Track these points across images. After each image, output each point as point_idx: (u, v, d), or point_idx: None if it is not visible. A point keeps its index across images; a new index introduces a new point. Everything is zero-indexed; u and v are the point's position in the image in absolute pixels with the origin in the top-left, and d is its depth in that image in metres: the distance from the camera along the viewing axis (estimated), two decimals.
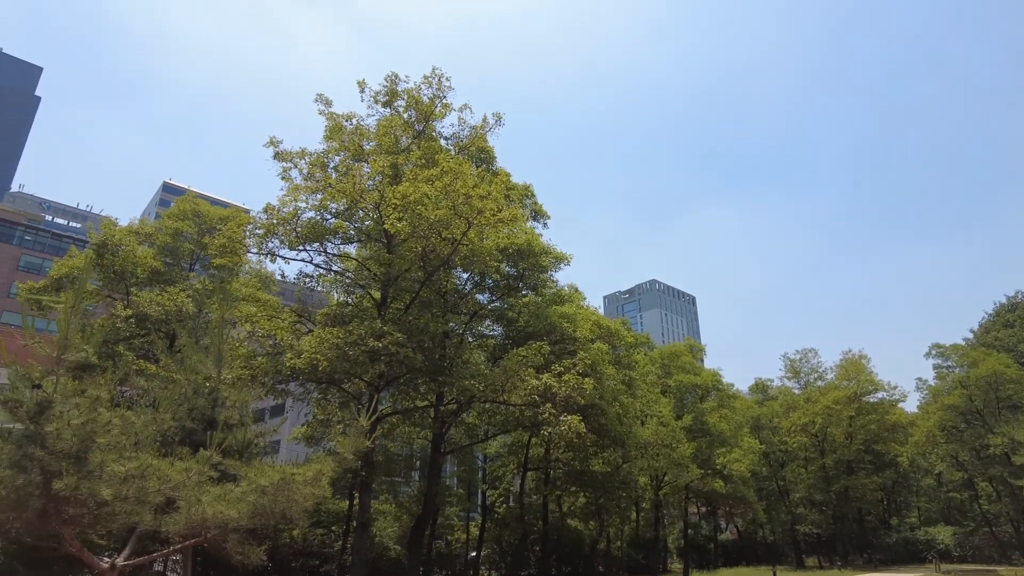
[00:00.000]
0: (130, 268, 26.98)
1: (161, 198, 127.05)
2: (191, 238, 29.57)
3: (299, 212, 22.78)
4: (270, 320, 22.25)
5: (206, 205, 31.10)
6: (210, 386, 13.95)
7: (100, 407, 10.10)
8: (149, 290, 27.12)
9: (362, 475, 23.35)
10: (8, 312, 64.15)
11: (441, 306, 26.00)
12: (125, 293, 27.19)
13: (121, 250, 26.66)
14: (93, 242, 27.14)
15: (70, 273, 26.54)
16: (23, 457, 9.34)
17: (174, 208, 30.33)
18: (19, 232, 70.97)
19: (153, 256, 28.11)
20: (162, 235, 29.08)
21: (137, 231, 28.82)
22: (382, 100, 27.04)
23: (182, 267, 29.79)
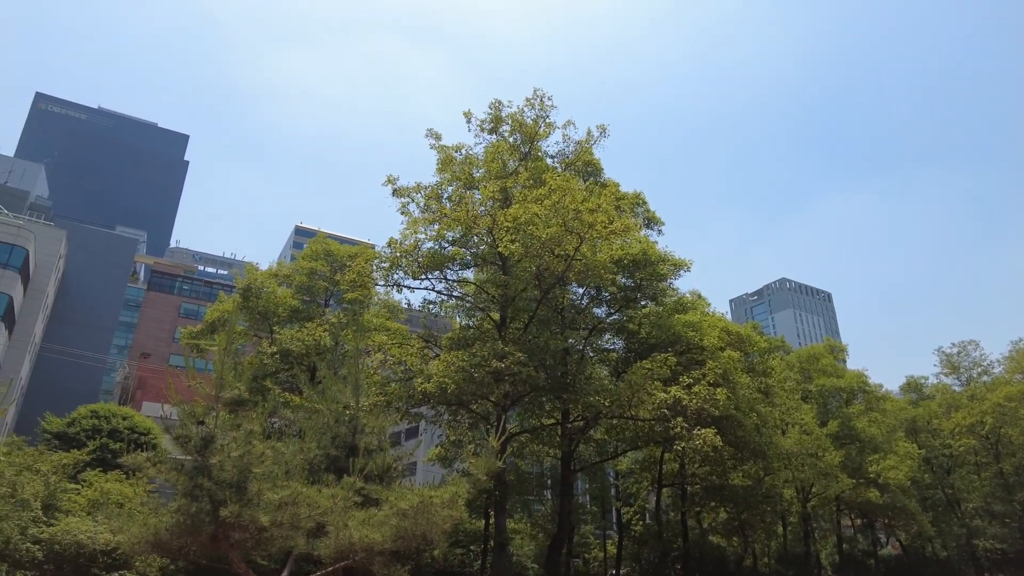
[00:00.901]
0: (272, 308, 29.38)
1: (294, 240, 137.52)
2: (324, 276, 31.75)
3: (419, 243, 23.86)
4: (400, 347, 23.32)
5: (335, 244, 33.34)
6: (350, 414, 14.73)
7: (254, 439, 10.99)
8: (290, 327, 29.35)
9: (496, 495, 23.70)
10: (174, 355, 71.71)
11: (559, 323, 26.04)
12: (269, 331, 29.58)
13: (264, 292, 29.15)
14: (239, 287, 29.84)
15: (221, 316, 29.34)
16: (195, 487, 10.34)
17: (307, 249, 32.74)
18: (178, 283, 79.52)
19: (292, 295, 30.46)
20: (298, 275, 31.46)
21: (276, 273, 31.41)
22: (488, 127, 27.78)
23: (318, 303, 32.01)
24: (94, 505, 18.31)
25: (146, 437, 33.02)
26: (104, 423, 32.56)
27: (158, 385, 55.67)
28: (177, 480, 10.21)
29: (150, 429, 33.91)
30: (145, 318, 76.55)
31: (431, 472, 41.66)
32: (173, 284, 78.86)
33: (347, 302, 29.71)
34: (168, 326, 74.80)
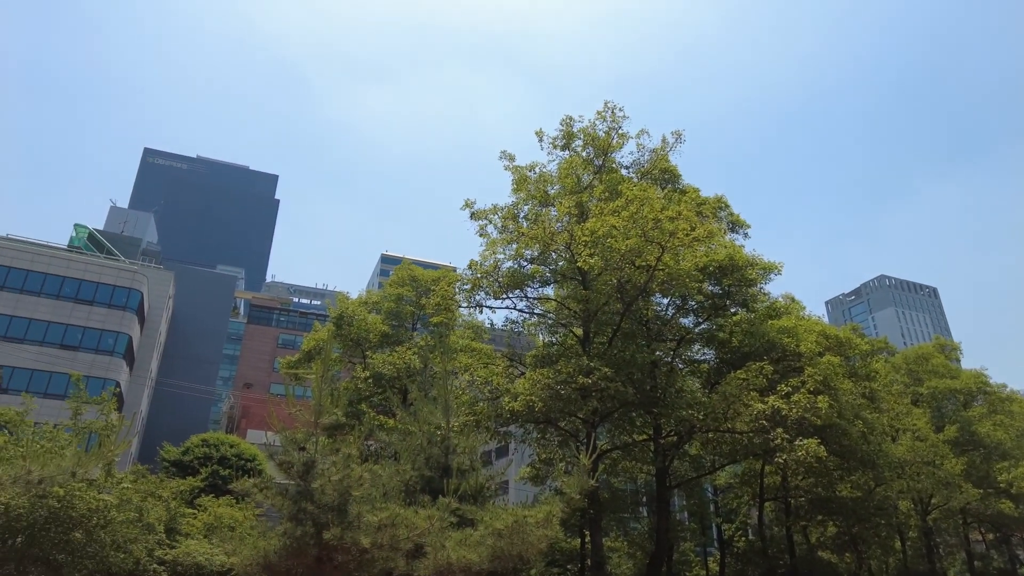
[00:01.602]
0: (364, 334, 30.49)
1: (381, 268, 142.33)
2: (410, 301, 32.71)
3: (498, 263, 24.16)
4: (485, 367, 23.56)
5: (419, 270, 34.34)
6: (441, 435, 14.99)
7: (352, 463, 11.36)
8: (381, 352, 30.32)
9: (590, 513, 23.38)
10: (275, 384, 75.40)
11: (645, 335, 25.56)
12: (362, 357, 30.65)
13: (355, 320, 30.36)
14: (332, 316, 31.17)
15: (317, 345, 30.73)
16: (299, 511, 10.78)
17: (393, 276, 33.84)
18: (275, 315, 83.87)
19: (381, 321, 31.53)
20: (386, 302, 32.55)
21: (365, 301, 32.67)
22: (560, 144, 27.87)
23: (406, 328, 32.96)
24: (209, 529, 19.42)
25: (252, 463, 34.84)
26: (214, 451, 34.62)
27: (261, 413, 58.66)
28: (282, 504, 10.68)
29: (255, 456, 35.74)
30: (247, 350, 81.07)
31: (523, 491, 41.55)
32: (271, 317, 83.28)
33: (433, 325, 30.42)
34: (268, 356, 78.88)
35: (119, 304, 53.39)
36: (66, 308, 51.24)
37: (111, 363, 51.08)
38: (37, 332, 49.65)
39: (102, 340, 51.88)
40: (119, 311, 53.15)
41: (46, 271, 51.55)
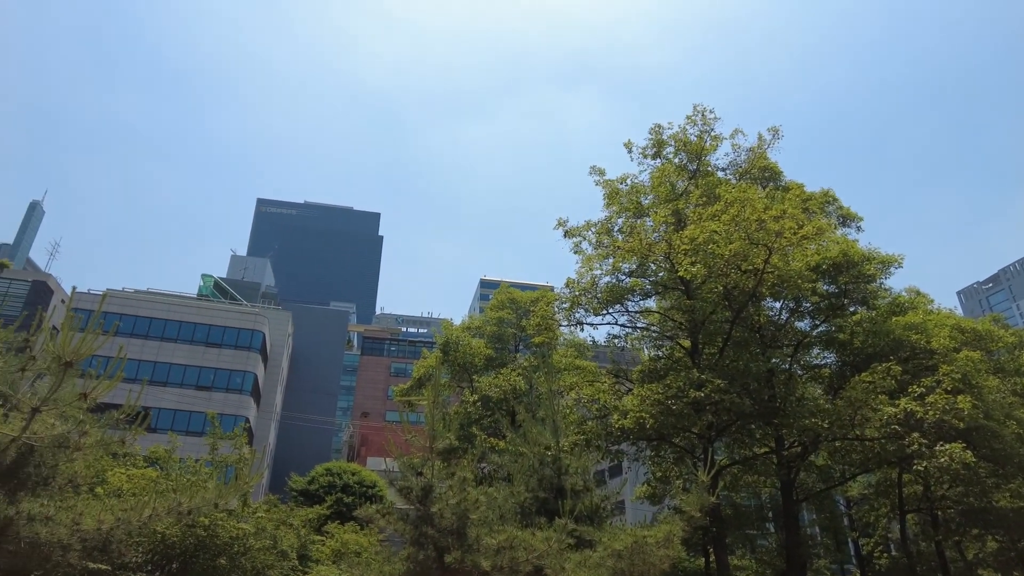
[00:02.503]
0: (469, 359, 31.15)
1: (480, 293, 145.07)
2: (511, 323, 33.13)
3: (596, 279, 23.94)
4: (591, 385, 23.30)
5: (518, 292, 34.74)
6: (552, 455, 14.89)
7: (468, 486, 11.49)
8: (487, 375, 30.80)
9: (713, 531, 22.41)
10: (390, 411, 78.15)
11: (758, 343, 24.36)
12: (469, 381, 31.25)
13: (460, 345, 31.08)
14: (439, 343, 32.06)
15: (427, 372, 31.69)
16: (420, 535, 11.00)
17: (493, 300, 34.41)
18: (386, 345, 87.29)
19: (485, 345, 32.10)
20: (488, 326, 33.13)
21: (468, 327, 33.42)
22: (650, 153, 27.42)
23: (509, 350, 33.36)
24: (337, 555, 20.21)
25: (372, 490, 36.12)
26: (337, 479, 36.21)
27: (378, 441, 60.90)
28: (404, 529, 10.95)
29: (375, 482, 37.04)
30: (362, 380, 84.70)
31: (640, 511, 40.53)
32: (382, 347, 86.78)
33: (535, 345, 30.55)
34: (382, 385, 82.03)
35: (244, 345, 57.45)
36: (199, 352, 55.70)
37: (240, 400, 54.88)
38: (176, 375, 54.22)
39: (231, 379, 55.91)
40: (245, 352, 57.17)
41: (181, 319, 56.37)
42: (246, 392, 55.81)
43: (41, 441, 6.94)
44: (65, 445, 7.01)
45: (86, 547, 7.45)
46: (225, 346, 56.69)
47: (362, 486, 36.12)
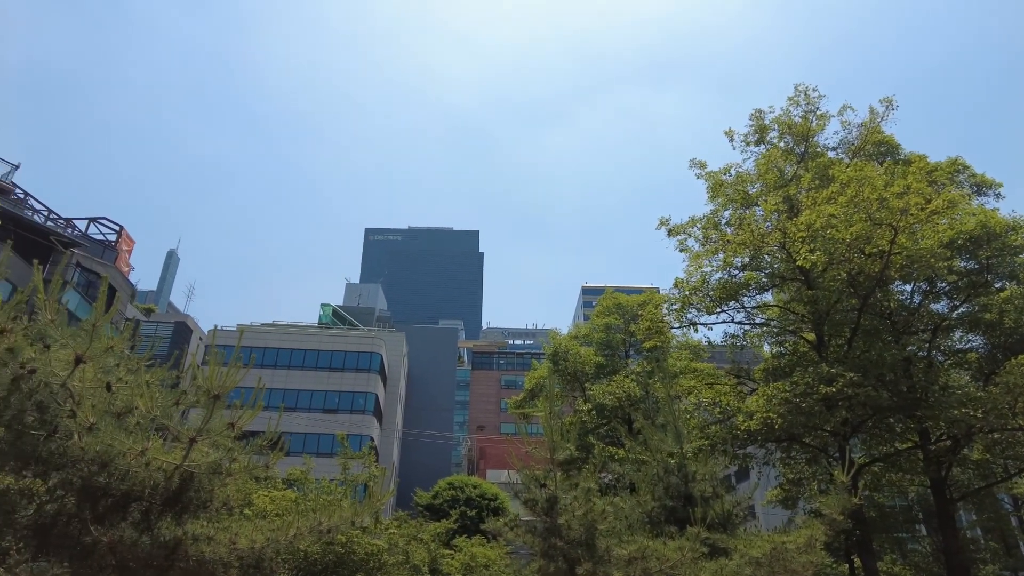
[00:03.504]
0: (579, 367, 30.94)
1: (583, 300, 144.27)
2: (619, 329, 32.60)
3: (707, 277, 23.08)
4: (710, 387, 22.42)
5: (623, 296, 34.16)
6: (676, 462, 14.45)
7: (593, 497, 11.35)
8: (599, 383, 30.44)
9: (856, 535, 20.86)
10: (504, 424, 79.06)
11: (890, 330, 22.53)
12: (581, 390, 31.00)
13: (569, 354, 30.92)
14: (547, 354, 32.07)
15: (538, 383, 31.75)
16: (549, 547, 10.96)
17: (598, 307, 34.02)
18: (495, 359, 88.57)
19: (594, 353, 31.77)
20: (596, 333, 32.77)
21: (576, 335, 33.19)
22: (753, 140, 26.24)
23: (619, 356, 32.82)
24: (466, 568, 20.55)
25: (494, 502, 36.61)
26: (460, 493, 36.99)
27: (496, 453, 61.71)
28: (533, 542, 10.95)
29: (496, 495, 37.51)
30: (474, 395, 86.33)
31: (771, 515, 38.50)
32: (491, 361, 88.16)
33: (647, 350, 29.87)
34: (494, 398, 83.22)
35: (364, 368, 60.17)
36: (323, 376, 58.89)
37: (364, 420, 57.41)
38: (304, 400, 57.55)
39: (355, 401, 58.65)
40: (365, 374, 59.85)
41: (305, 347, 59.90)
42: (369, 412, 58.35)
43: (198, 468, 7.51)
44: (219, 471, 7.54)
45: (243, 565, 7.98)
46: (347, 370, 59.60)
47: (484, 499, 36.71)
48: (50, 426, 7.79)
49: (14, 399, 7.68)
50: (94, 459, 7.50)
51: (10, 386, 7.66)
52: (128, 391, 8.40)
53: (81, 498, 7.98)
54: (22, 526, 8.42)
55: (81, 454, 7.58)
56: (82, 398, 7.92)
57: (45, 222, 37.01)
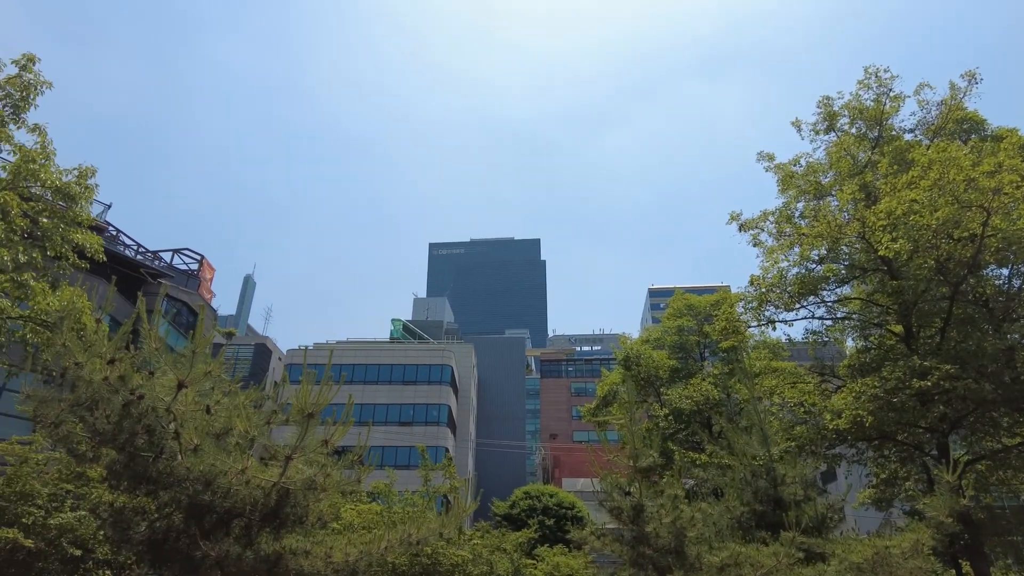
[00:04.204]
0: (653, 372, 30.39)
1: (650, 303, 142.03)
2: (693, 330, 31.85)
3: (783, 272, 22.29)
4: (793, 387, 21.59)
5: (694, 297, 33.38)
6: (763, 465, 13.98)
7: (679, 503, 11.10)
8: (674, 387, 29.84)
9: (965, 538, 19.56)
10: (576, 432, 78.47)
11: (986, 318, 21.14)
12: (656, 395, 30.44)
13: (641, 359, 30.42)
14: (619, 359, 31.63)
15: (611, 389, 31.36)
16: (637, 556, 10.79)
17: (669, 309, 33.37)
18: (563, 366, 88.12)
19: (667, 356, 31.16)
20: (668, 335, 32.14)
21: (647, 339, 32.60)
22: (822, 128, 25.24)
23: (694, 358, 32.06)
24: None
25: (571, 511, 36.31)
26: (536, 502, 36.88)
27: (570, 461, 61.33)
28: (621, 550, 10.81)
29: (573, 503, 37.20)
30: (545, 403, 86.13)
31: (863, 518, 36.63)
32: (560, 369, 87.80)
33: (723, 351, 29.04)
34: (564, 406, 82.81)
35: (436, 380, 61.13)
36: (397, 390, 60.17)
37: (439, 432, 58.22)
38: (380, 414, 58.90)
39: (428, 413, 59.62)
40: (437, 386, 60.79)
41: (379, 362, 61.40)
42: (443, 423, 59.16)
43: (294, 484, 7.78)
44: (313, 487, 7.79)
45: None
46: (419, 382, 60.71)
47: (561, 508, 36.45)
48: (157, 448, 8.23)
49: (126, 424, 8.14)
50: (198, 478, 7.87)
51: (121, 411, 8.15)
52: (225, 412, 8.81)
53: (188, 515, 8.40)
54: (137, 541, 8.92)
55: (186, 474, 7.97)
56: (185, 421, 8.36)
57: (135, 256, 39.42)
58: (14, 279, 9.61)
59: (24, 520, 10.52)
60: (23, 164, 9.75)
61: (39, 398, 7.92)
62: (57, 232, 9.85)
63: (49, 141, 10.22)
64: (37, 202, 10.14)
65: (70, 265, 10.58)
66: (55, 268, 10.50)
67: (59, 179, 9.96)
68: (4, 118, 10.06)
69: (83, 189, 10.16)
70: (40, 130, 10.26)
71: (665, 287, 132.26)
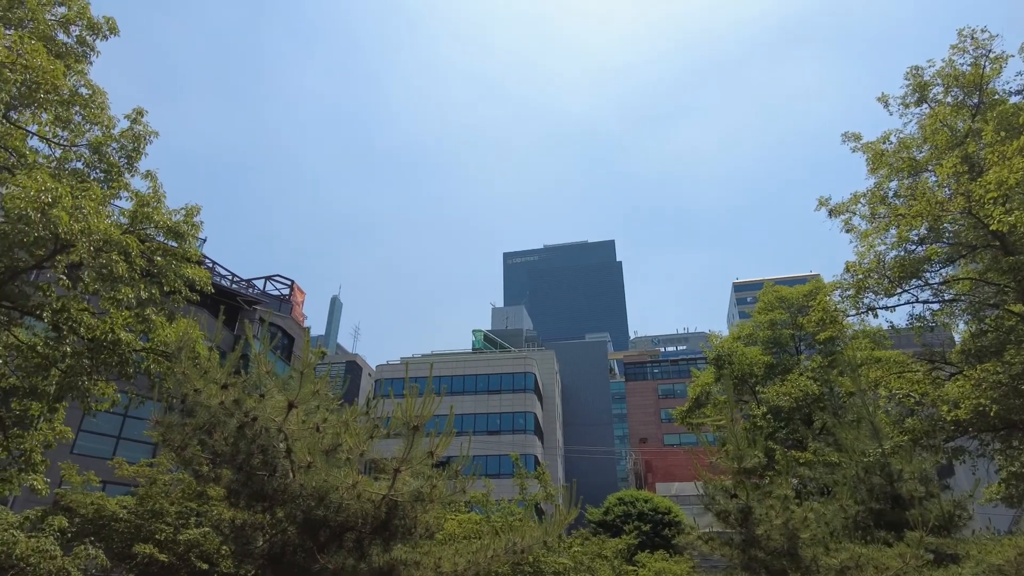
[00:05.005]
0: (747, 369, 29.33)
1: (736, 298, 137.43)
2: (786, 324, 30.56)
3: (881, 256, 21.04)
4: (900, 377, 20.30)
5: (785, 289, 32.02)
6: (876, 461, 13.22)
7: (790, 504, 10.64)
8: (770, 384, 28.69)
9: None
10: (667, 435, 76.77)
11: None
12: (752, 393, 29.35)
13: (734, 356, 29.43)
14: (709, 358, 30.75)
15: (703, 390, 30.50)
16: (749, 560, 10.41)
17: (760, 303, 32.14)
18: (648, 368, 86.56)
19: (761, 352, 30.01)
20: (760, 331, 30.97)
21: (738, 336, 31.53)
22: (911, 101, 23.70)
23: (789, 353, 30.71)
24: None
25: (668, 516, 35.51)
26: (631, 508, 36.31)
27: (662, 465, 60.03)
28: (731, 554, 10.46)
29: (669, 508, 36.39)
30: (631, 407, 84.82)
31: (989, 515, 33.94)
32: (645, 371, 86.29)
33: (820, 343, 27.66)
34: (652, 409, 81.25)
35: (520, 388, 61.42)
36: (483, 400, 60.85)
37: (526, 440, 58.38)
38: (468, 424, 59.71)
39: (515, 421, 59.92)
40: (521, 393, 61.05)
41: (464, 373, 62.32)
42: (529, 431, 59.29)
43: (402, 496, 7.97)
44: (421, 498, 7.95)
45: None
46: (504, 391, 61.18)
47: (656, 513, 35.73)
48: (271, 466, 8.64)
49: (242, 444, 8.59)
50: (312, 494, 8.20)
51: (236, 433, 8.60)
52: (332, 429, 9.16)
53: (302, 529, 8.75)
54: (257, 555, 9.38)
55: (300, 490, 8.32)
56: (296, 439, 8.74)
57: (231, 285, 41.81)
58: (138, 314, 10.46)
59: (157, 536, 11.30)
60: (139, 208, 10.61)
61: (166, 424, 8.48)
62: (170, 268, 10.64)
63: (160, 185, 11.10)
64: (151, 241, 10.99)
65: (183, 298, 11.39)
66: (170, 302, 11.34)
67: (169, 219, 10.79)
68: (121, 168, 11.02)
69: (190, 227, 10.96)
70: (152, 176, 11.18)
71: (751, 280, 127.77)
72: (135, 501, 12.22)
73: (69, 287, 11.02)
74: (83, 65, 11.77)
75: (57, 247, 9.48)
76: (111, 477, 16.12)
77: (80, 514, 11.41)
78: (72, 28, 11.94)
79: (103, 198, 10.11)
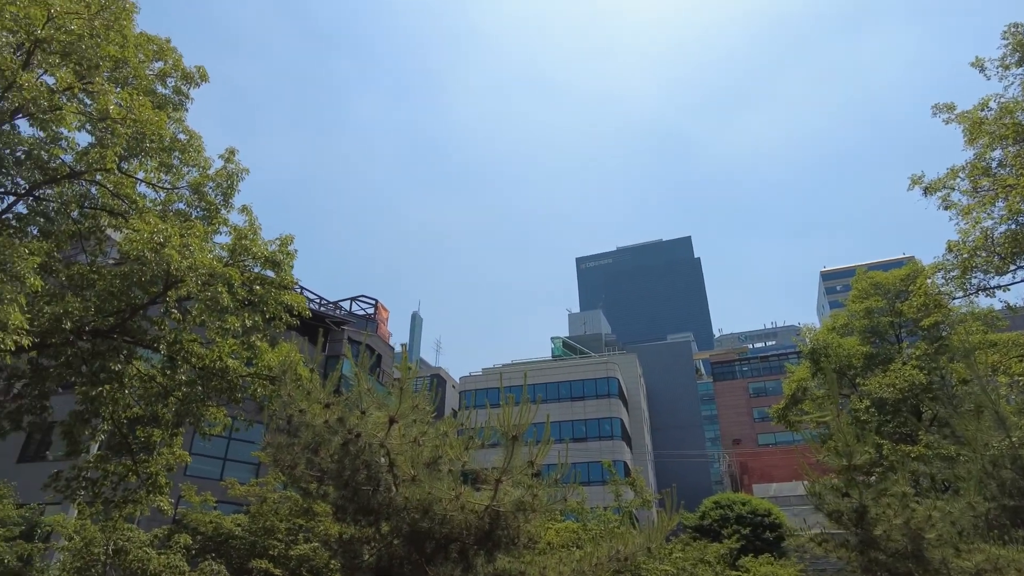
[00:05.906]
0: (846, 361, 27.94)
1: (824, 287, 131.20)
2: (884, 311, 28.94)
3: (988, 232, 19.58)
4: (1022, 360, 18.78)
5: (879, 274, 30.33)
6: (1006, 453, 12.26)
7: (910, 502, 10.01)
8: (871, 375, 27.22)
9: None
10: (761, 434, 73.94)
11: None
12: (852, 386, 27.91)
13: (831, 349, 28.08)
14: (804, 352, 29.44)
15: (799, 386, 29.24)
16: (868, 562, 9.85)
17: (854, 291, 30.60)
18: (737, 367, 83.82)
19: (859, 342, 28.54)
20: (857, 320, 29.46)
21: (832, 327, 30.08)
22: (1012, 61, 21.94)
23: (889, 341, 29.05)
24: None
25: (768, 518, 34.12)
26: (728, 511, 35.13)
27: (758, 466, 57.86)
28: (848, 557, 9.94)
29: (769, 510, 34.97)
30: (721, 407, 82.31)
31: None
32: (733, 370, 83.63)
33: (923, 329, 25.98)
34: (744, 408, 78.55)
35: (604, 393, 60.78)
36: (567, 407, 60.56)
37: (614, 446, 57.64)
38: (554, 432, 59.26)
39: (601, 427, 59.31)
40: (606, 399, 60.39)
41: (546, 380, 62.32)
42: (616, 437, 58.52)
43: (505, 506, 8.04)
44: (523, 508, 7.99)
45: None
46: (587, 397, 60.72)
47: (756, 515, 34.40)
48: (375, 481, 8.90)
49: (347, 461, 8.90)
50: (416, 507, 8.39)
51: (340, 450, 8.93)
52: (431, 442, 9.36)
53: (408, 542, 8.96)
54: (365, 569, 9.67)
55: (404, 503, 8.53)
56: (397, 454, 8.98)
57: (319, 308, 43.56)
58: (243, 342, 11.12)
59: (271, 552, 11.88)
60: (238, 241, 11.28)
61: (276, 444, 8.90)
62: (270, 296, 11.24)
63: (255, 218, 11.79)
64: (250, 272, 11.66)
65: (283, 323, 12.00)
66: (272, 328, 11.98)
67: (266, 249, 11.42)
68: (218, 205, 11.80)
69: (285, 255, 11.56)
70: (248, 210, 11.89)
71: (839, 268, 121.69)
72: (248, 519, 12.90)
73: (179, 320, 11.79)
74: (180, 113, 12.69)
75: (168, 283, 10.19)
76: (223, 496, 17.11)
77: (201, 532, 12.15)
78: (168, 79, 12.89)
79: (206, 234, 10.82)
